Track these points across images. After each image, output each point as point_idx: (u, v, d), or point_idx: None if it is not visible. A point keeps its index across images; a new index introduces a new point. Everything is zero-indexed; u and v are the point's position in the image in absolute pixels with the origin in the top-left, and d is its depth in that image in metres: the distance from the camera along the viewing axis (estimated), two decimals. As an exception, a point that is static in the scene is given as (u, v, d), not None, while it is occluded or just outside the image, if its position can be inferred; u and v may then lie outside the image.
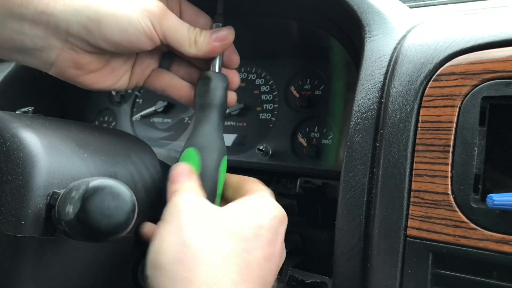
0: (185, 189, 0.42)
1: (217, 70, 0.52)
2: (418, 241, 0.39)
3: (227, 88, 0.52)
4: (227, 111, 0.71)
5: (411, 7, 0.76)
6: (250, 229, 0.39)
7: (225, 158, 0.50)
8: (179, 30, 0.47)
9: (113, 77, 0.50)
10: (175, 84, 0.55)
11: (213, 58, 0.52)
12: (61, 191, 0.35)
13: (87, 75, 0.47)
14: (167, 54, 0.55)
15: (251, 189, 0.46)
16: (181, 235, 0.37)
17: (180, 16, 0.51)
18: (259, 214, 0.41)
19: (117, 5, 0.43)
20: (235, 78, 0.55)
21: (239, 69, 0.73)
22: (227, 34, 0.50)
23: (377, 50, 0.47)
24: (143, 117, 0.81)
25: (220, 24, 0.52)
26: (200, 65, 0.55)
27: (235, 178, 0.50)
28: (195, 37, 0.48)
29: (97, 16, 0.43)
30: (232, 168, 0.53)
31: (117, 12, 0.43)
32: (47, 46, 0.44)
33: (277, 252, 0.41)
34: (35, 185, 0.35)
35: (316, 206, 0.67)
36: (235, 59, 0.55)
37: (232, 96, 0.54)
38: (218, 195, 0.49)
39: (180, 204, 0.40)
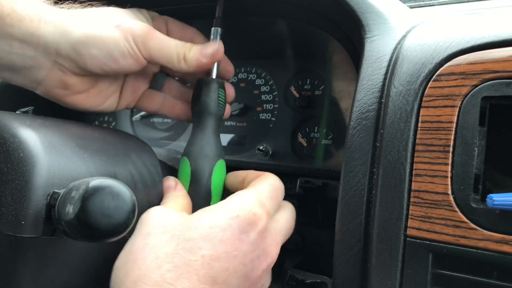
0: (165, 202, 0.46)
1: (214, 76, 0.52)
2: (418, 241, 0.39)
3: (224, 92, 0.52)
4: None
5: (411, 7, 0.76)
6: (197, 230, 0.39)
7: (221, 161, 0.50)
8: (166, 47, 0.47)
9: (100, 98, 0.50)
10: (168, 104, 0.56)
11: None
12: (61, 191, 0.35)
13: (73, 95, 0.48)
14: (158, 76, 0.55)
15: (246, 186, 0.47)
16: (130, 245, 0.40)
17: (168, 35, 0.51)
18: (215, 215, 0.41)
19: (103, 27, 0.44)
20: (230, 91, 0.55)
21: (239, 69, 0.73)
22: (216, 49, 0.50)
23: (377, 50, 0.47)
24: (143, 117, 0.81)
25: (219, 29, 0.52)
26: (193, 82, 0.55)
27: (245, 174, 0.51)
28: (184, 53, 0.48)
29: (85, 39, 0.43)
30: (232, 168, 0.53)
31: (103, 34, 0.44)
32: (36, 66, 0.44)
33: (242, 252, 0.40)
34: (35, 185, 0.35)
35: (316, 206, 0.67)
36: (230, 70, 0.56)
37: (226, 109, 0.54)
38: (215, 196, 0.50)
39: (142, 218, 0.42)
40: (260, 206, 0.43)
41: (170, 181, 0.49)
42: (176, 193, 0.47)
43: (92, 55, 0.44)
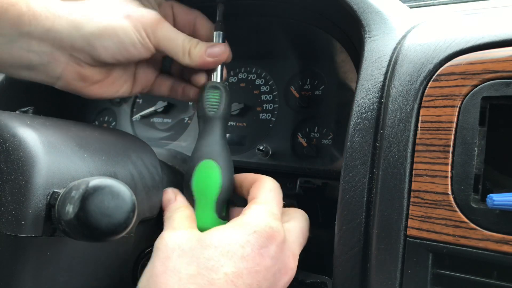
0: (170, 222, 0.45)
1: (218, 79, 0.52)
2: (418, 241, 0.39)
3: (228, 96, 0.52)
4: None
5: (411, 7, 0.76)
6: (216, 248, 0.39)
7: (206, 162, 0.50)
8: (173, 40, 0.49)
9: (115, 86, 0.52)
10: (178, 87, 0.57)
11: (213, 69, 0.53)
12: (61, 191, 0.35)
13: (91, 86, 0.49)
14: (166, 58, 0.56)
15: (252, 198, 0.46)
16: (150, 270, 0.40)
17: (174, 19, 0.53)
18: (232, 232, 0.41)
19: (113, 19, 0.45)
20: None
21: (239, 69, 0.73)
22: (222, 50, 0.51)
23: (377, 50, 0.47)
24: (143, 117, 0.81)
25: (221, 33, 0.52)
26: (195, 81, 0.56)
27: (242, 178, 0.51)
28: (189, 48, 0.49)
29: (97, 31, 0.45)
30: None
31: (114, 25, 0.45)
32: (53, 61, 0.46)
33: (263, 267, 0.40)
34: (35, 185, 0.35)
35: (316, 206, 0.67)
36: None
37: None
38: (200, 199, 0.49)
39: (156, 245, 0.42)
40: (274, 219, 0.42)
41: (169, 193, 0.49)
42: (177, 206, 0.47)
43: (105, 47, 0.45)
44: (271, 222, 0.42)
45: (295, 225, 0.46)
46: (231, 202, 0.51)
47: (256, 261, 0.39)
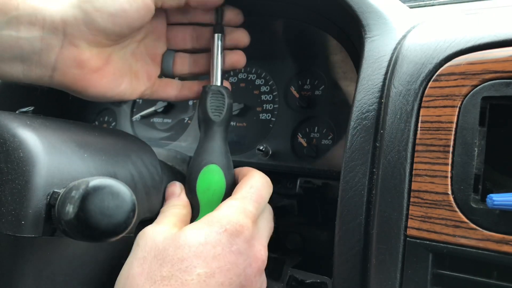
0: (160, 217, 0.46)
1: (219, 83, 0.52)
2: (418, 241, 0.39)
3: (231, 101, 0.52)
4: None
5: (411, 7, 0.76)
6: (190, 248, 0.39)
7: (211, 166, 0.50)
8: None
9: (115, 78, 0.49)
10: (186, 87, 0.56)
11: (212, 69, 0.52)
12: (61, 191, 0.35)
13: (89, 75, 0.47)
14: (166, 54, 0.55)
15: (234, 192, 0.47)
16: (127, 270, 0.40)
17: None
18: (204, 231, 0.41)
19: None
20: (238, 57, 0.55)
21: (239, 69, 0.73)
22: None
23: (377, 50, 0.47)
24: (143, 117, 0.81)
25: (220, 35, 0.52)
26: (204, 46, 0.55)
27: (237, 172, 0.51)
28: None
29: None
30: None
31: None
32: (45, 47, 0.43)
33: (234, 265, 0.40)
34: (35, 185, 0.35)
35: (316, 206, 0.67)
36: (240, 59, 0.56)
37: (239, 57, 0.55)
38: (205, 205, 0.49)
39: (137, 240, 0.42)
40: (245, 216, 0.43)
41: (175, 188, 0.49)
42: (176, 203, 0.48)
43: (98, 9, 0.43)
44: (241, 219, 0.43)
45: (261, 218, 0.47)
46: None
47: (227, 260, 0.40)
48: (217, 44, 0.52)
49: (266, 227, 0.47)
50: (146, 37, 0.53)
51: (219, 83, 0.52)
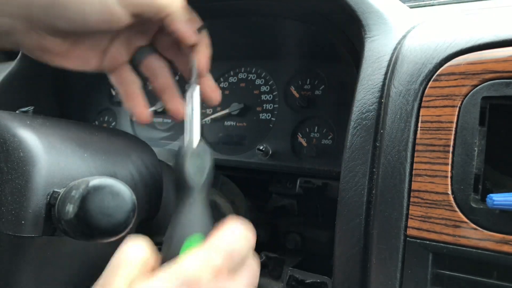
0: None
1: (194, 145, 0.42)
2: (418, 241, 0.39)
3: (213, 163, 0.42)
4: (228, 110, 0.71)
5: (411, 7, 0.76)
6: None
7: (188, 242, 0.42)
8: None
9: (81, 60, 0.49)
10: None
11: (190, 126, 0.43)
12: (61, 191, 0.35)
13: (53, 57, 0.47)
14: (141, 51, 0.53)
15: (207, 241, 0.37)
16: None
17: None
18: (163, 284, 0.32)
19: None
20: (212, 94, 0.51)
21: (239, 69, 0.73)
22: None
23: (377, 50, 0.47)
24: (143, 117, 0.80)
25: (198, 86, 0.46)
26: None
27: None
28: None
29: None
30: (232, 168, 0.53)
31: None
32: (12, 31, 0.44)
33: None
34: (35, 184, 0.35)
35: (316, 206, 0.67)
36: (214, 96, 0.52)
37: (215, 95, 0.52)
38: None
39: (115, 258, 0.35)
40: (207, 268, 0.34)
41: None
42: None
43: (60, 15, 0.42)
44: (200, 272, 0.34)
45: (239, 275, 0.37)
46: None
47: None
48: (195, 97, 0.45)
49: (243, 284, 0.37)
50: (128, 29, 0.49)
51: (198, 139, 0.43)
